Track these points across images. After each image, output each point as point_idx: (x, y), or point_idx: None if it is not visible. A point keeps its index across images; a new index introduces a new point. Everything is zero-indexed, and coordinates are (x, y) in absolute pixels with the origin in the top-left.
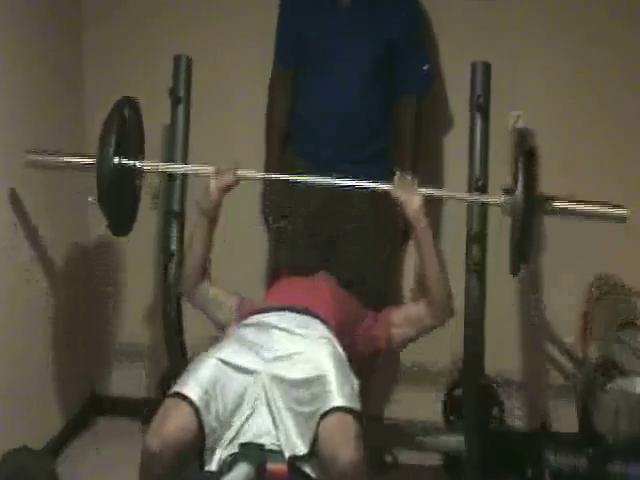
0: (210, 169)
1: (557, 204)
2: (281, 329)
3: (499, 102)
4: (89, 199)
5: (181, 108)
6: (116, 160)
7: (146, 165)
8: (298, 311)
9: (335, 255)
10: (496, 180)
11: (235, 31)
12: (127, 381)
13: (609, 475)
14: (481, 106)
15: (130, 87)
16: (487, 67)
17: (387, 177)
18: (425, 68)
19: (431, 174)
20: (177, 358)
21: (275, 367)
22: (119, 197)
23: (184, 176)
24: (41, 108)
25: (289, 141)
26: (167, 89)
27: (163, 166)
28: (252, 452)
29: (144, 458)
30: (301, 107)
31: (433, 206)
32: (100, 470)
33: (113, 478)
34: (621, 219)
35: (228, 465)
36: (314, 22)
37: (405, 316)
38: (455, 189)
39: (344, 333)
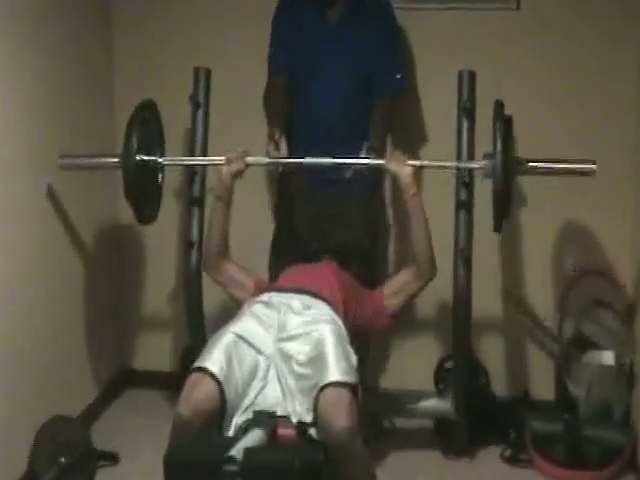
0: (222, 158)
1: (532, 164)
2: (291, 309)
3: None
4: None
5: (200, 113)
6: (138, 158)
7: (166, 160)
8: (306, 293)
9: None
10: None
11: (243, 43)
12: (152, 355)
13: (582, 438)
14: (467, 109)
15: (155, 95)
16: (472, 75)
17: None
18: (398, 76)
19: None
20: (198, 334)
21: (285, 347)
22: (144, 190)
23: (203, 169)
24: (75, 112)
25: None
26: (188, 97)
27: (180, 160)
28: (265, 418)
29: (176, 424)
30: (297, 110)
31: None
32: (132, 435)
33: (143, 444)
34: (591, 172)
35: (243, 430)
36: (304, 40)
37: (391, 289)
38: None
39: (348, 310)
